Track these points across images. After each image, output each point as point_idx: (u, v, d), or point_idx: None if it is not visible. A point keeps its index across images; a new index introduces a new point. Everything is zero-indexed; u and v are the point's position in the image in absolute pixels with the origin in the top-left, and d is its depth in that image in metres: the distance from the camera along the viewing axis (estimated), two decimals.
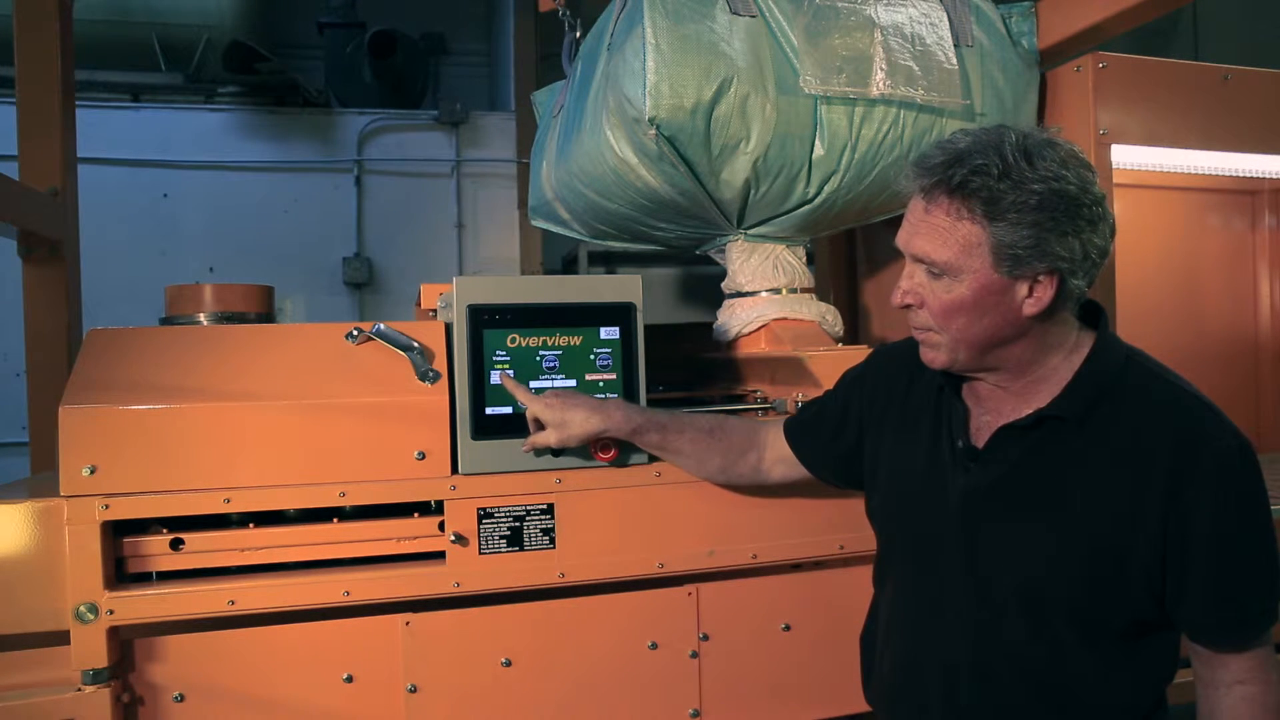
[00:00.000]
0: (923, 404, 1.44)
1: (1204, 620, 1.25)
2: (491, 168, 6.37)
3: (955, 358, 1.30)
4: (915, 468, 1.42)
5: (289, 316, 5.83)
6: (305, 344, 1.65)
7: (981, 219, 1.20)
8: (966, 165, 1.20)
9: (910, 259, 1.30)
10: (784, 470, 1.64)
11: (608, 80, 1.95)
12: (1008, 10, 2.23)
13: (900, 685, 1.45)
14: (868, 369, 1.60)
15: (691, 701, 1.72)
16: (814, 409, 1.64)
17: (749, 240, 2.16)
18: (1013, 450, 1.30)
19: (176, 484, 1.50)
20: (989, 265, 1.21)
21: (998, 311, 1.24)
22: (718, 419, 1.66)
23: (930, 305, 1.28)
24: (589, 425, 1.55)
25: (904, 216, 1.31)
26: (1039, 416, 1.28)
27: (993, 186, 1.19)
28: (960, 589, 1.34)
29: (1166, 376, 1.30)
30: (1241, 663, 1.25)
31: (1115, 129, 2.12)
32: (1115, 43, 2.27)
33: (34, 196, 2.60)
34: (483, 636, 1.63)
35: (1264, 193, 2.93)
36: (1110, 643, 1.27)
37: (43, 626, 1.47)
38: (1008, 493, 1.30)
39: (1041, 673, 1.28)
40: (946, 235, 1.23)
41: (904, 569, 1.46)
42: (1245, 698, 1.24)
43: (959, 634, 1.34)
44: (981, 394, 1.37)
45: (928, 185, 1.24)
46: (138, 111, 5.87)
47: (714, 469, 1.65)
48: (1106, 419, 1.26)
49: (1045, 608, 1.27)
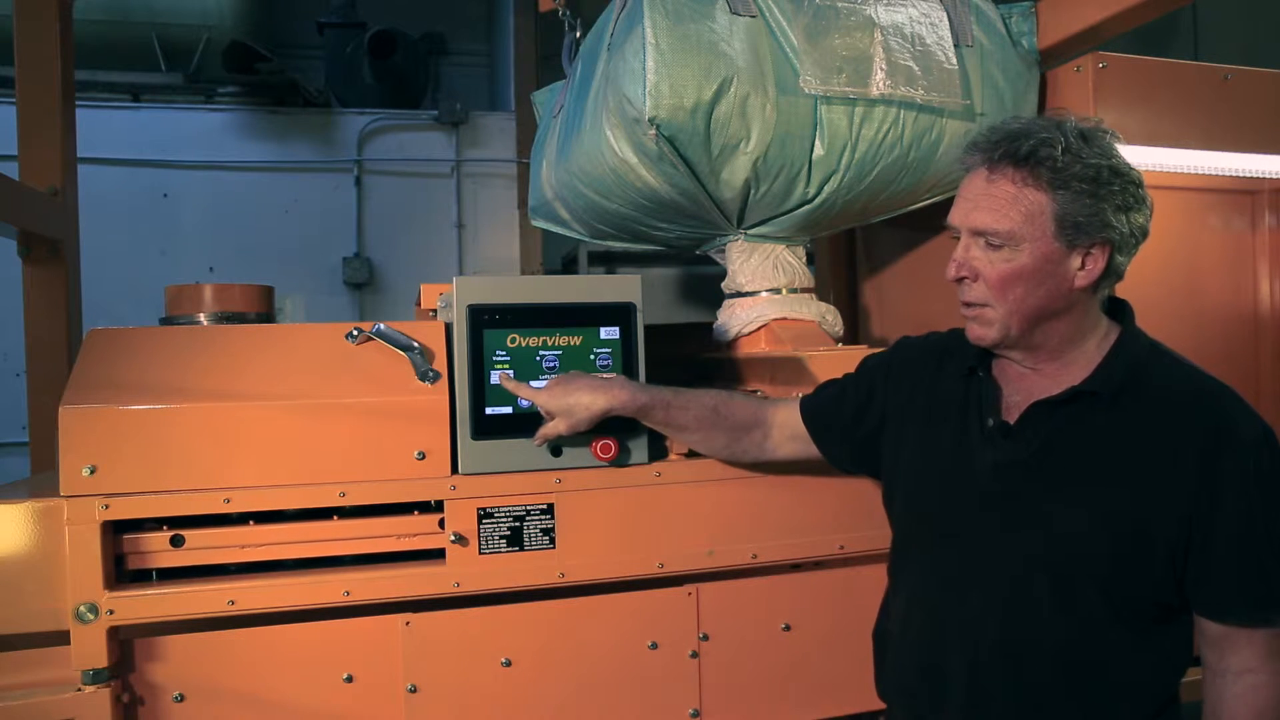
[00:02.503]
0: (951, 390, 1.48)
1: (1230, 598, 1.26)
2: (491, 168, 6.37)
3: (1006, 333, 1.33)
4: (943, 449, 1.45)
5: (289, 316, 5.82)
6: (305, 344, 1.65)
7: (1047, 186, 1.27)
8: (1033, 138, 1.28)
9: (967, 233, 1.33)
10: (795, 448, 1.64)
11: (608, 80, 1.95)
12: (1008, 10, 2.22)
13: (921, 671, 1.44)
14: (893, 358, 1.61)
15: (691, 701, 1.72)
16: (834, 390, 1.65)
17: (749, 240, 2.16)
18: (1044, 426, 1.34)
19: (176, 484, 1.50)
20: (1050, 234, 1.28)
21: (1052, 281, 1.30)
22: (722, 395, 1.66)
23: (987, 276, 1.31)
24: (595, 406, 1.55)
25: (958, 195, 1.36)
26: (1073, 392, 1.32)
27: (1057, 157, 1.27)
28: (988, 566, 1.36)
29: (1190, 365, 1.36)
30: (1254, 649, 1.26)
31: (1115, 129, 2.10)
32: (1115, 43, 2.27)
33: (34, 196, 2.59)
34: (483, 636, 1.63)
35: (1264, 193, 2.92)
36: (1137, 621, 1.29)
37: (43, 626, 1.47)
38: (1039, 467, 1.33)
39: (1068, 650, 1.30)
40: (1011, 204, 1.28)
41: (927, 552, 1.47)
42: (1253, 686, 1.25)
43: (986, 612, 1.35)
44: (1013, 376, 1.42)
45: (994, 156, 1.30)
46: (138, 111, 5.87)
47: (719, 445, 1.65)
48: (1135, 400, 1.30)
49: (1075, 582, 1.29)
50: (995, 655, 1.34)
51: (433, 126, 6.33)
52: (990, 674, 1.34)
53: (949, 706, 1.39)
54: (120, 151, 5.75)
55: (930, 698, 1.42)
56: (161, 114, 5.91)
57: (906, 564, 1.52)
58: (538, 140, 2.59)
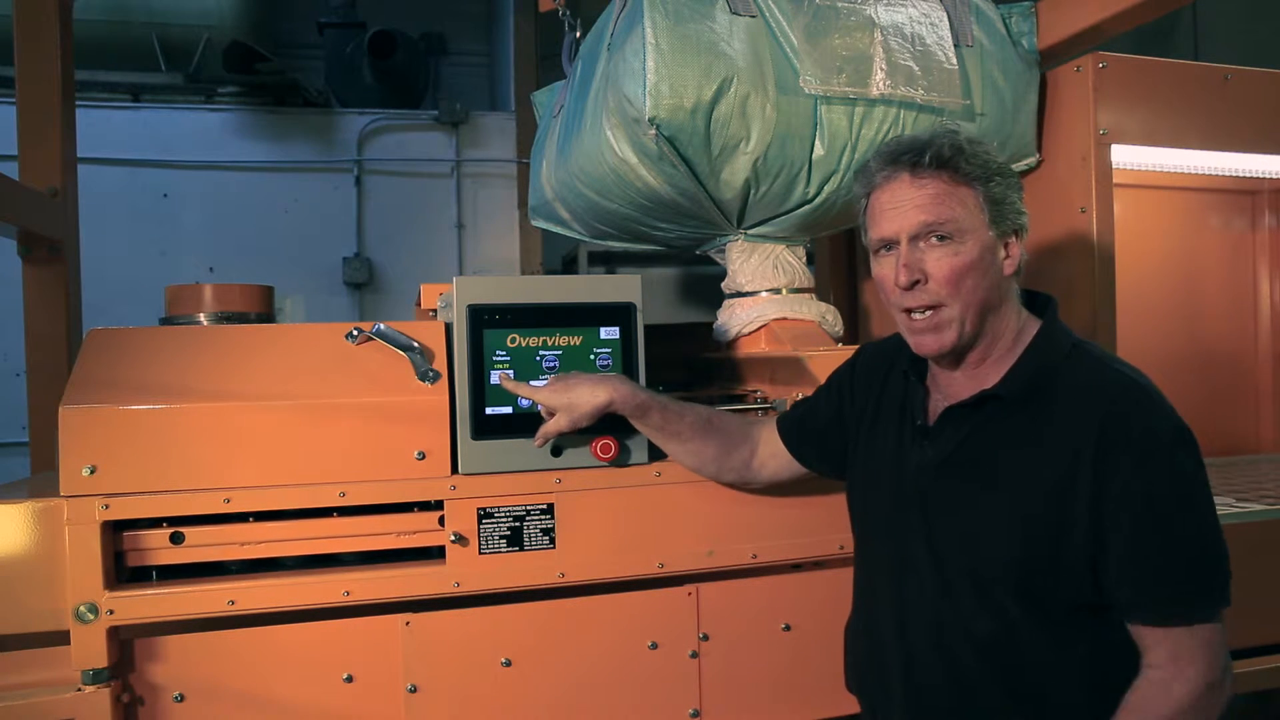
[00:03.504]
0: (894, 392, 1.51)
1: (1134, 598, 1.25)
2: (491, 168, 6.37)
3: (963, 330, 1.33)
4: (885, 450, 1.48)
5: (289, 316, 5.82)
6: (305, 344, 1.65)
7: (975, 181, 1.32)
8: (945, 140, 1.32)
9: (908, 237, 1.33)
10: (775, 467, 1.66)
11: (608, 80, 1.95)
12: (1008, 10, 2.22)
13: (867, 667, 1.50)
14: (855, 365, 1.64)
15: (691, 701, 1.72)
16: (805, 406, 1.68)
17: (749, 240, 2.16)
18: (960, 429, 1.36)
19: (176, 484, 1.50)
20: (985, 224, 1.32)
21: (993, 270, 1.33)
22: (713, 411, 1.69)
23: (938, 274, 1.31)
24: (596, 400, 1.56)
25: (879, 209, 1.36)
26: (981, 397, 1.35)
27: (976, 154, 1.32)
28: (918, 565, 1.39)
29: (1110, 363, 1.34)
30: (1162, 648, 1.24)
31: (1115, 129, 2.12)
32: (1115, 43, 2.27)
33: (34, 196, 2.59)
34: (483, 636, 1.63)
35: (1264, 193, 2.93)
36: (1058, 620, 1.28)
37: (43, 626, 1.47)
38: (951, 470, 1.36)
39: (993, 649, 1.31)
40: (947, 198, 1.31)
41: (871, 550, 1.52)
42: (1159, 682, 1.24)
43: (918, 612, 1.38)
44: (940, 379, 1.44)
45: (916, 161, 1.32)
46: (138, 111, 5.87)
47: (708, 459, 1.66)
48: (1046, 400, 1.31)
49: (991, 583, 1.31)
50: (929, 650, 1.37)
51: (433, 126, 6.33)
52: (926, 668, 1.37)
53: (895, 698, 1.42)
54: (120, 151, 5.75)
55: (878, 690, 1.47)
56: (161, 114, 5.91)
57: (859, 561, 1.57)
58: (538, 140, 2.59)
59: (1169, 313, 2.79)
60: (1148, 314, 2.66)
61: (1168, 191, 2.79)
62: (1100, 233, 2.08)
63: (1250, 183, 2.86)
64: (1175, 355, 2.75)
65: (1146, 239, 2.75)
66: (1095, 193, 2.09)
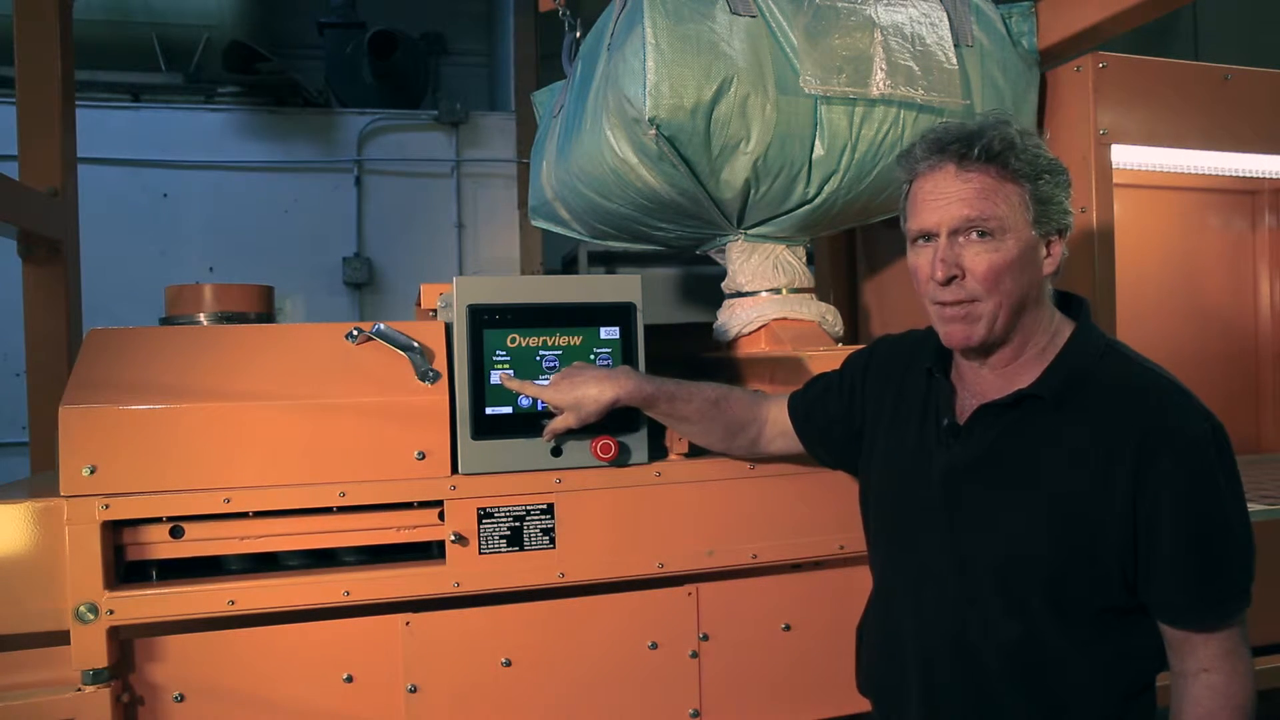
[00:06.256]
0: (915, 390, 1.49)
1: (1178, 600, 1.25)
2: (491, 168, 6.37)
3: (993, 326, 1.32)
4: (906, 449, 1.46)
5: (289, 316, 5.82)
6: (305, 344, 1.65)
7: (1023, 178, 1.29)
8: (997, 133, 1.29)
9: (948, 231, 1.30)
10: (783, 444, 1.67)
11: (608, 80, 1.95)
12: (1008, 10, 2.22)
13: (883, 667, 1.48)
14: (873, 357, 1.62)
15: (691, 701, 1.72)
16: (819, 388, 1.65)
17: (749, 240, 2.16)
18: (992, 428, 1.34)
19: (176, 484, 1.50)
20: (1027, 222, 1.29)
21: (1032, 269, 1.31)
22: (722, 389, 1.67)
23: (975, 270, 1.29)
24: (603, 397, 1.57)
25: (922, 198, 1.33)
26: (1019, 395, 1.32)
27: (1026, 149, 1.29)
28: (941, 566, 1.37)
29: (1143, 363, 1.34)
30: (1210, 649, 1.24)
31: (1115, 129, 2.12)
32: (1115, 43, 2.27)
33: (34, 196, 2.60)
34: (483, 636, 1.63)
35: (1264, 193, 2.93)
36: (1085, 624, 1.28)
37: (43, 626, 1.47)
38: (985, 470, 1.34)
39: (1016, 651, 1.30)
40: (992, 194, 1.28)
41: (890, 549, 1.49)
42: (1209, 685, 1.24)
43: (939, 611, 1.37)
44: (967, 377, 1.42)
45: (967, 153, 1.29)
46: (138, 111, 5.87)
47: (716, 438, 1.66)
48: (1082, 401, 1.30)
49: (1019, 585, 1.29)
50: (948, 653, 1.36)
51: (433, 126, 6.33)
52: (944, 671, 1.36)
53: (910, 701, 1.41)
54: (120, 151, 5.75)
55: (895, 693, 1.46)
56: (161, 114, 5.91)
57: (876, 561, 1.55)
58: (538, 140, 2.59)
59: (1169, 313, 2.79)
60: (1148, 314, 2.65)
61: (1168, 191, 2.79)
62: (1100, 233, 2.08)
63: (1250, 183, 2.86)
64: (1175, 355, 2.73)
65: (1146, 239, 2.75)
66: (1095, 193, 2.09)
